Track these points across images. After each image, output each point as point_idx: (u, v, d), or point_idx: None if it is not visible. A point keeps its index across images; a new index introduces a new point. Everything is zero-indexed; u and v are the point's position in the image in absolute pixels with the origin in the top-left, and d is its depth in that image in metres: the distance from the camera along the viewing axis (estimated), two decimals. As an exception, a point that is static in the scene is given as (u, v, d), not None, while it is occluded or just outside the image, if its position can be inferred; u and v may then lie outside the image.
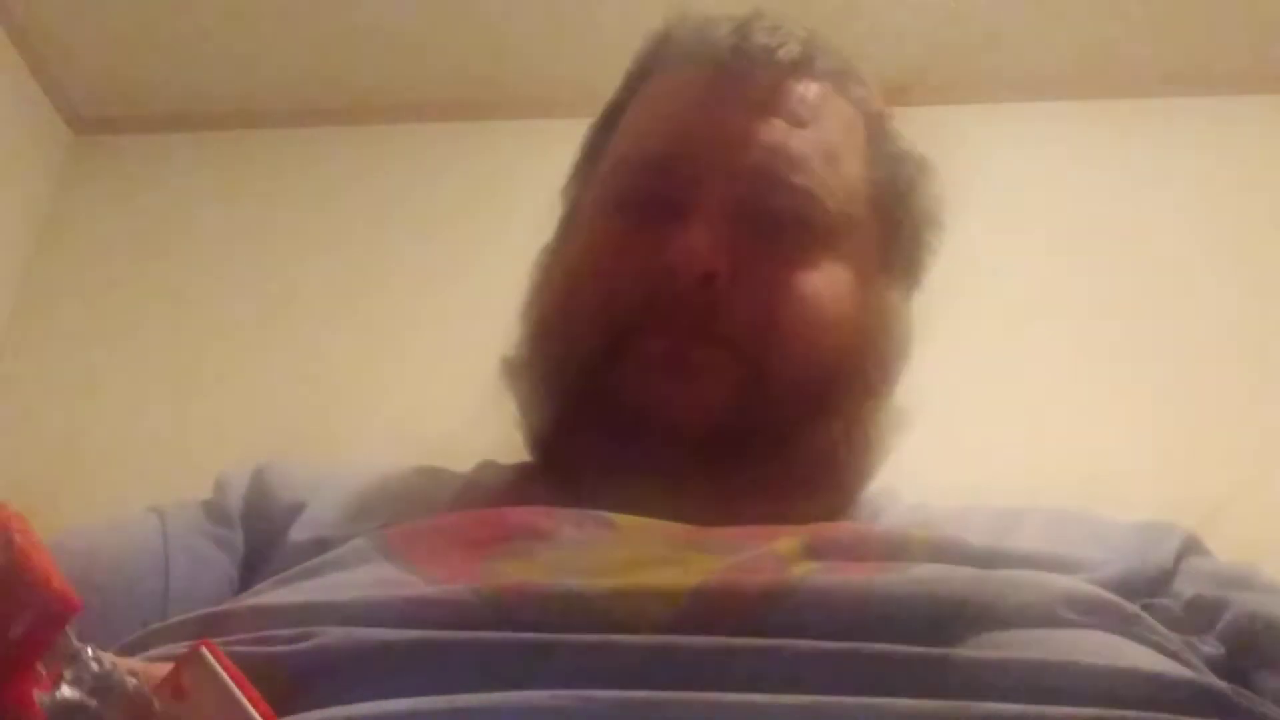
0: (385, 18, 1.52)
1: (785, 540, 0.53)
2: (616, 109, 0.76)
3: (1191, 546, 0.62)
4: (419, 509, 0.62)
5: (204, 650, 0.37)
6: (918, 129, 1.46)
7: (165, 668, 0.38)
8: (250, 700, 0.36)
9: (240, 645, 0.44)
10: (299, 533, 0.63)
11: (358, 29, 1.54)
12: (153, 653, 0.46)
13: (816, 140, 0.69)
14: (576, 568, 0.51)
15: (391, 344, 1.45)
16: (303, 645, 0.44)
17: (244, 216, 1.59)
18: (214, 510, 0.66)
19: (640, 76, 0.75)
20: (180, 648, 0.45)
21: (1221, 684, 0.46)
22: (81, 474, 1.36)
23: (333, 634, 0.44)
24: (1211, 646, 0.54)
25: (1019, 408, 1.30)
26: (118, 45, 1.58)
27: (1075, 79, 1.50)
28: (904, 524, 0.63)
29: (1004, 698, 0.41)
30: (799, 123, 0.69)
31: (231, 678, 0.36)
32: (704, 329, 0.63)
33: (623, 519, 0.56)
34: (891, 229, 0.72)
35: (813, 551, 0.52)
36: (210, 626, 0.48)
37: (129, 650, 0.48)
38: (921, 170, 0.75)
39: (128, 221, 1.60)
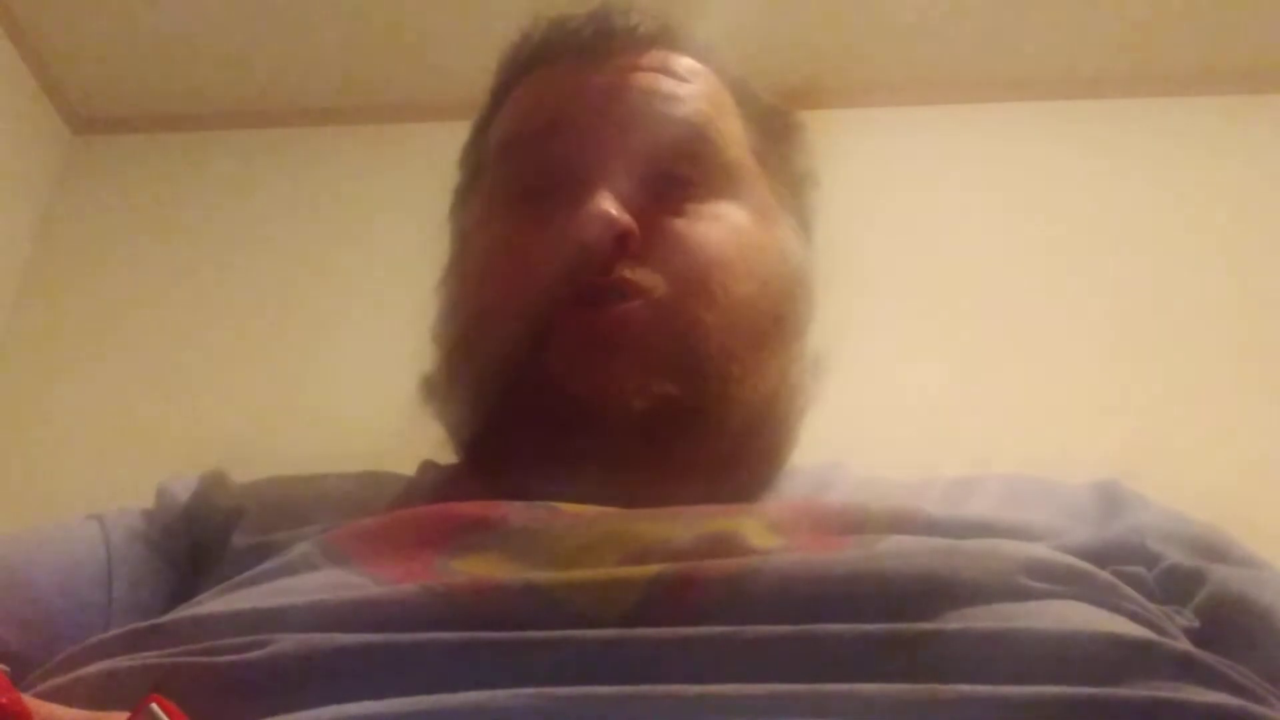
0: (385, 18, 1.52)
1: (745, 519, 0.52)
2: (485, 123, 0.74)
3: (1141, 500, 0.61)
4: (362, 512, 0.60)
5: (154, 706, 0.35)
6: (914, 127, 1.49)
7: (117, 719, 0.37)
8: None
9: (189, 656, 0.43)
10: (241, 538, 0.61)
11: (358, 29, 1.54)
12: (93, 668, 0.45)
13: (695, 90, 0.69)
14: (531, 559, 0.50)
15: (395, 340, 1.44)
16: (256, 654, 0.43)
17: (243, 216, 1.59)
18: (156, 519, 0.65)
19: (505, 85, 0.74)
20: (123, 663, 0.45)
21: (1203, 653, 0.45)
22: (78, 471, 1.36)
23: (286, 641, 0.43)
24: (1187, 619, 0.53)
25: (1008, 399, 1.30)
26: (118, 45, 1.59)
27: (1074, 79, 1.50)
28: (858, 496, 0.62)
29: (971, 672, 0.41)
30: (675, 77, 0.69)
31: None
32: (625, 286, 0.61)
33: (569, 507, 0.54)
34: (778, 180, 0.71)
35: (774, 530, 0.51)
36: (153, 638, 0.46)
37: (69, 664, 0.47)
38: (792, 127, 0.75)
39: (127, 221, 1.60)
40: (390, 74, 1.59)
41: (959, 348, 1.34)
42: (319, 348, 1.47)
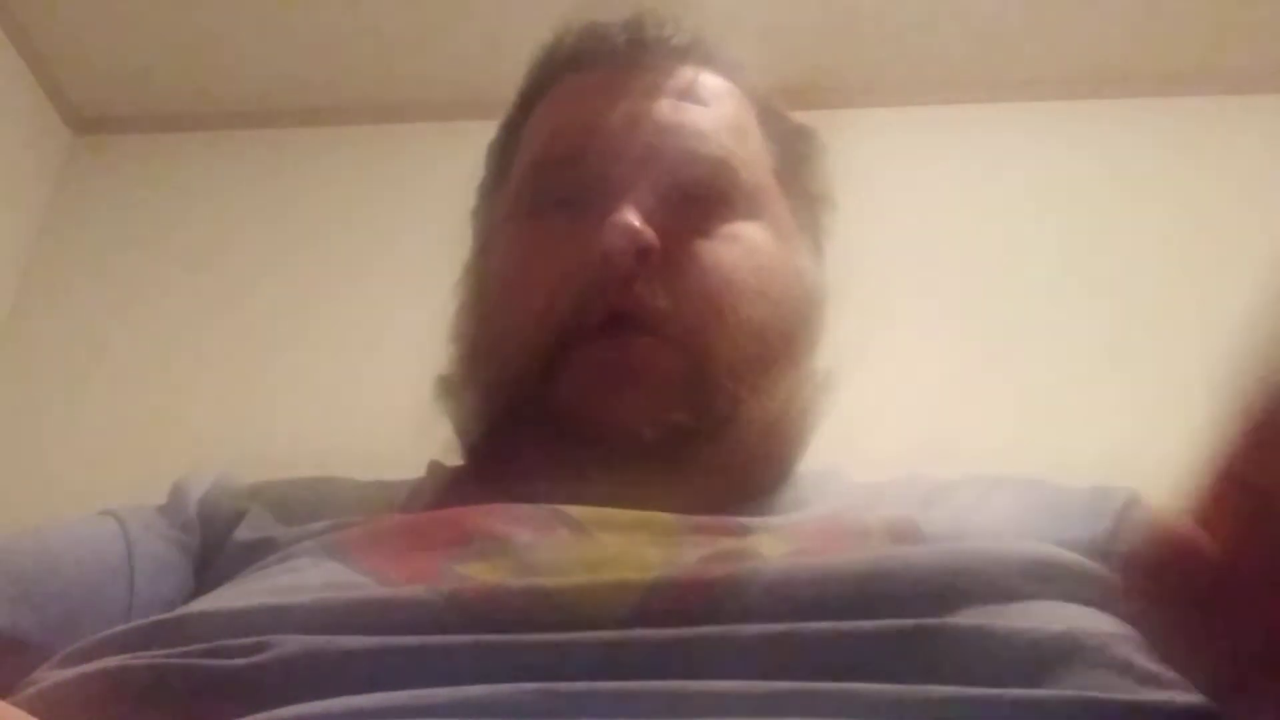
0: (384, 18, 1.53)
1: (750, 538, 0.53)
2: (515, 123, 0.76)
3: (1135, 504, 0.61)
4: (369, 515, 0.61)
5: None
6: (916, 127, 1.49)
7: None
8: None
9: (192, 658, 0.44)
10: (244, 533, 0.62)
11: (357, 29, 1.54)
12: (95, 666, 0.45)
13: (717, 115, 0.70)
14: (540, 567, 0.51)
15: (393, 340, 1.45)
16: (259, 658, 0.43)
17: (243, 216, 1.59)
18: (173, 514, 0.66)
19: (537, 87, 0.75)
20: (126, 661, 0.44)
21: None
22: (78, 470, 1.36)
23: (289, 644, 0.43)
24: None
25: (1011, 400, 1.30)
26: (118, 45, 1.59)
27: (1075, 79, 1.50)
28: (853, 506, 0.63)
29: (965, 671, 0.42)
30: (698, 101, 0.70)
31: None
32: (641, 311, 0.62)
33: (580, 511, 0.55)
34: (797, 200, 0.73)
35: (781, 542, 0.52)
36: (157, 635, 0.47)
37: (73, 659, 0.47)
38: (813, 147, 0.77)
39: (127, 221, 1.60)
40: (390, 74, 1.59)
41: (957, 347, 1.34)
42: (319, 347, 1.47)
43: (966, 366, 1.32)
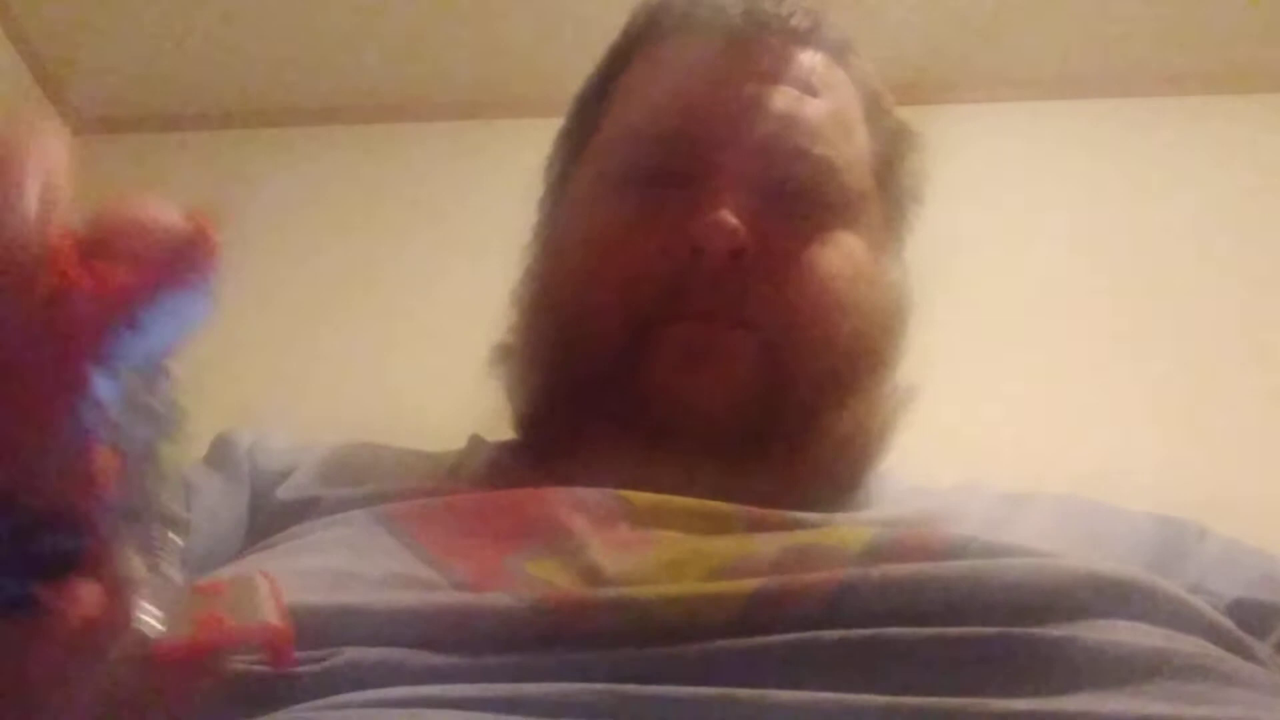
0: (384, 18, 1.52)
1: (819, 533, 0.52)
2: (608, 76, 0.72)
3: (1206, 536, 0.60)
4: (410, 481, 0.60)
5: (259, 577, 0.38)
6: (918, 127, 1.48)
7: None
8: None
9: (261, 665, 0.42)
10: (287, 492, 0.61)
11: (357, 29, 1.54)
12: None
13: (829, 110, 0.67)
14: (614, 574, 0.48)
15: (388, 338, 1.45)
16: (331, 662, 0.42)
17: (243, 216, 1.58)
18: (220, 461, 0.65)
19: (637, 42, 0.71)
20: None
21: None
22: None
23: (362, 656, 0.42)
24: (1264, 653, 0.51)
25: (1019, 401, 1.30)
26: (118, 45, 1.58)
27: (1075, 79, 1.50)
28: (912, 510, 0.61)
29: (1056, 681, 0.41)
30: (812, 92, 0.67)
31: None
32: (730, 310, 0.60)
33: (638, 497, 0.53)
34: (891, 202, 0.71)
35: (875, 552, 0.49)
36: None
37: None
38: (913, 145, 0.74)
39: (127, 221, 1.60)
40: (390, 74, 1.59)
41: (977, 351, 1.33)
42: (319, 346, 1.47)
43: (974, 362, 1.31)
